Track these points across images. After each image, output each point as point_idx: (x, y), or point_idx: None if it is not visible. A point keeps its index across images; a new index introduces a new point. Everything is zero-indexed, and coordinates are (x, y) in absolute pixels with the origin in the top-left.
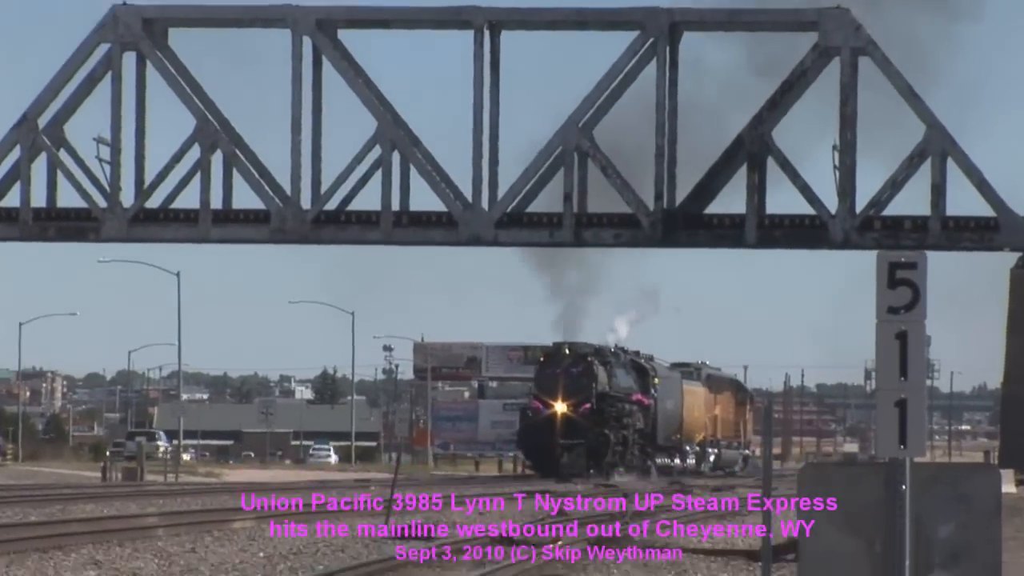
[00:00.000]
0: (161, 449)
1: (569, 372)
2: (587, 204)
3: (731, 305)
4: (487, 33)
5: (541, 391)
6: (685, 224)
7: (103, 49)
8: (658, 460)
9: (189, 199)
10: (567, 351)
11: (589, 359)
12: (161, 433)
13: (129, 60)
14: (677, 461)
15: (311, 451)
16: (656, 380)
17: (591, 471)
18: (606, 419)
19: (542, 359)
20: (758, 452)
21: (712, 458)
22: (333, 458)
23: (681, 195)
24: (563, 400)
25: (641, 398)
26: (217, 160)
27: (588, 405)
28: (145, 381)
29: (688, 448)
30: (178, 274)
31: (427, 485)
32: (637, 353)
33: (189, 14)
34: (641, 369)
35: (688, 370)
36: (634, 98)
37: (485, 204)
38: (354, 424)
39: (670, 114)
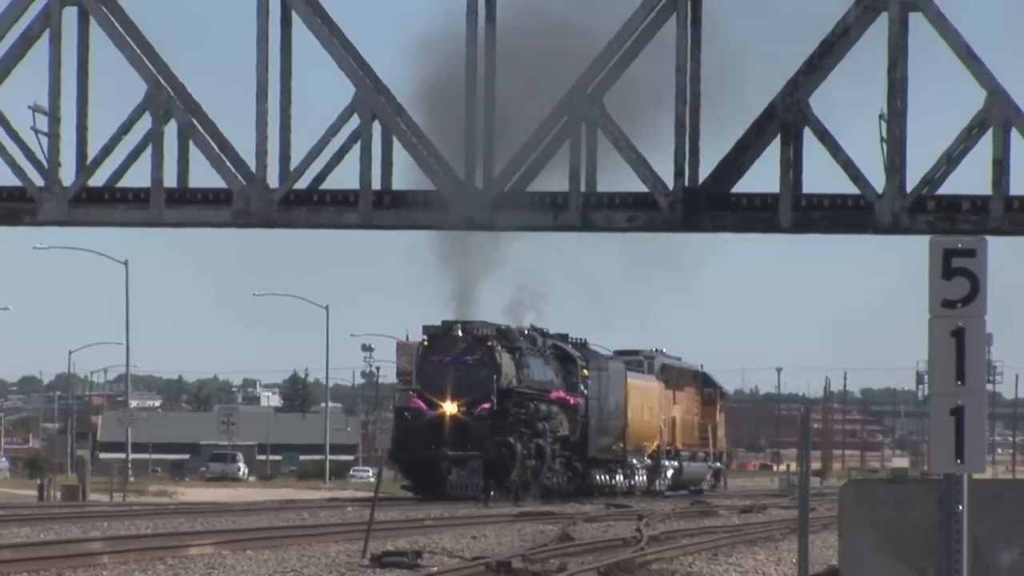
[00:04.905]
0: (241, 471)
1: (462, 361)
2: (596, 182)
3: (760, 297)
4: None
5: (424, 386)
6: (710, 205)
7: (40, 4)
8: (590, 478)
9: (139, 177)
10: (460, 333)
11: (490, 344)
12: (240, 455)
13: (70, 16)
14: (620, 478)
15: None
16: (586, 372)
17: (491, 492)
18: (512, 424)
19: (425, 343)
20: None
21: (670, 473)
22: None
23: (705, 172)
24: (453, 398)
25: (564, 396)
26: (171, 132)
27: (487, 405)
28: (88, 386)
29: (635, 461)
30: (126, 263)
31: (412, 505)
32: (564, 337)
33: None
34: (566, 358)
35: (636, 359)
36: (651, 61)
37: (479, 183)
38: (328, 435)
39: (692, 79)
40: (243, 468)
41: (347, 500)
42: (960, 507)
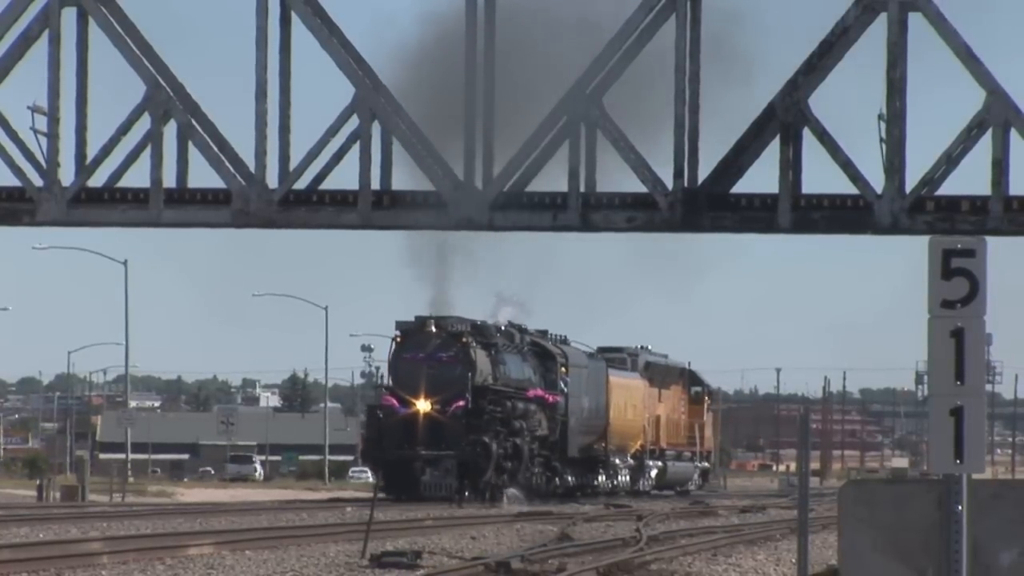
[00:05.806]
0: (257, 472)
1: (435, 358)
2: (596, 183)
3: (760, 298)
4: None
5: (397, 384)
6: (709, 205)
7: (40, 4)
8: (571, 479)
9: (138, 177)
10: (433, 329)
11: (464, 340)
12: (255, 456)
13: (69, 17)
14: (602, 479)
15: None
16: (564, 369)
17: (465, 492)
18: (487, 422)
19: (398, 339)
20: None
21: (654, 473)
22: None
23: (704, 172)
24: (427, 396)
25: (543, 394)
26: (170, 132)
27: (462, 403)
28: (87, 386)
29: (618, 461)
30: (125, 263)
31: (411, 505)
32: (544, 333)
33: None
34: (545, 355)
35: (619, 357)
36: (651, 61)
37: (479, 183)
38: (328, 435)
39: (691, 79)
40: (259, 469)
41: (347, 500)
42: (959, 507)
